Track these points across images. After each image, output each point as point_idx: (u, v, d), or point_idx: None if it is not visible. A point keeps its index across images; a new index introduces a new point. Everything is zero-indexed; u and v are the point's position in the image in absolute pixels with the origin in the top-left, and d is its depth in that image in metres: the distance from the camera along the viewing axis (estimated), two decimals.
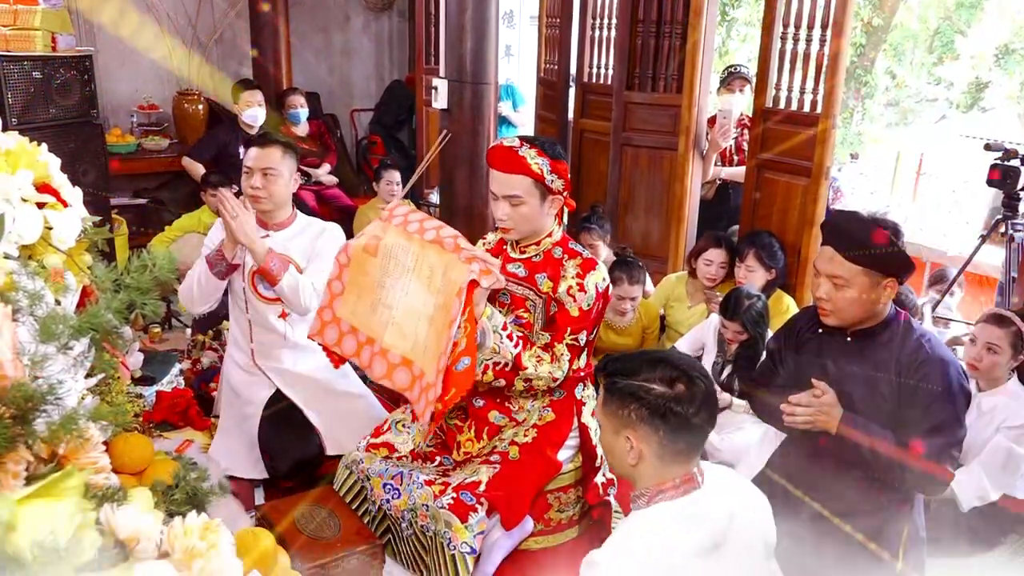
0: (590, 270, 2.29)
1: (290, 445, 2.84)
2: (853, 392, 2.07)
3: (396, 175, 5.21)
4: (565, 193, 2.32)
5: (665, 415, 1.49)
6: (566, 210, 2.42)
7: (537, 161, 2.21)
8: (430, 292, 2.20)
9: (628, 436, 1.53)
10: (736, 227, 4.23)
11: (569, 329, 2.27)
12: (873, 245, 1.97)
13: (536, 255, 2.36)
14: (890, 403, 2.03)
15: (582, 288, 2.26)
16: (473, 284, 2.06)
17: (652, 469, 1.53)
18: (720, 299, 3.38)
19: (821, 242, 2.10)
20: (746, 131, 4.34)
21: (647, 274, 3.84)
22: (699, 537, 1.48)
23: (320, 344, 2.46)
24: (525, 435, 2.37)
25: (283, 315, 2.80)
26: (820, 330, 2.17)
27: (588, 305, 2.27)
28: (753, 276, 3.50)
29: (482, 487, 2.23)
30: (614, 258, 3.81)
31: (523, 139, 2.27)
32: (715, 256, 3.66)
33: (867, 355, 2.07)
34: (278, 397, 2.84)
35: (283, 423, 2.82)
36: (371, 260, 2.34)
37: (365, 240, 2.36)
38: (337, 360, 2.46)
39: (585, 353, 2.38)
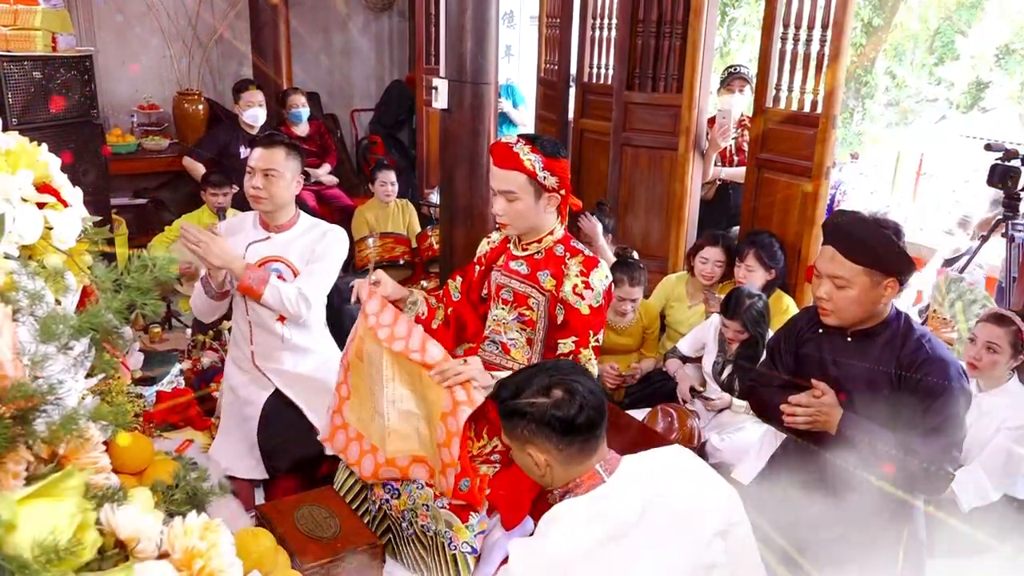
0: (593, 267, 2.30)
1: (290, 445, 2.83)
2: (853, 392, 2.07)
3: (391, 175, 5.22)
4: (562, 192, 2.32)
5: (551, 423, 1.60)
6: (570, 208, 2.42)
7: (530, 158, 2.22)
8: (418, 395, 2.25)
9: (530, 452, 1.64)
10: (736, 228, 4.23)
11: (591, 331, 2.28)
12: (874, 245, 1.97)
13: (538, 252, 2.36)
14: (890, 403, 2.03)
15: (588, 286, 2.27)
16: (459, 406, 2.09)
17: (561, 472, 1.64)
18: (719, 299, 3.38)
19: (822, 242, 2.10)
20: (746, 131, 4.35)
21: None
22: (598, 529, 1.53)
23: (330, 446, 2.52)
24: None
25: (281, 319, 2.80)
26: (820, 330, 2.17)
27: (598, 302, 2.28)
28: (753, 276, 3.50)
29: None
30: (614, 259, 3.81)
31: (522, 137, 2.29)
32: (711, 254, 3.67)
33: (867, 355, 2.07)
34: (278, 397, 2.84)
35: (283, 423, 2.82)
36: (361, 366, 2.39)
37: (355, 343, 2.39)
38: None
39: None
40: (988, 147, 3.91)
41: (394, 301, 2.41)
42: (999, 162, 3.81)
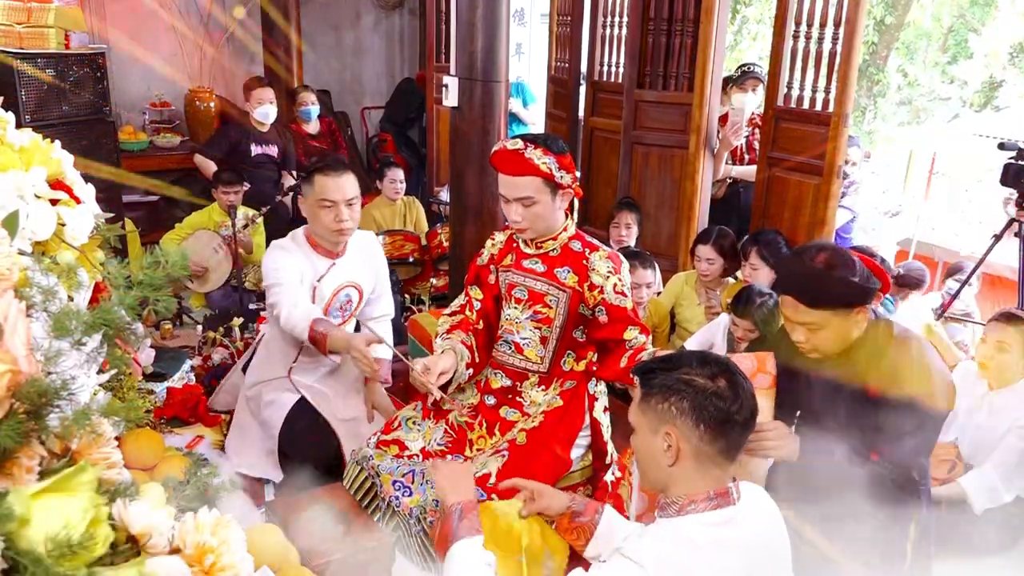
0: (620, 263, 2.36)
1: (310, 449, 2.79)
2: (839, 401, 2.05)
3: (399, 173, 5.23)
4: (574, 186, 2.33)
5: (707, 409, 1.45)
6: (576, 203, 2.43)
7: (545, 160, 2.22)
8: None
9: (668, 432, 1.47)
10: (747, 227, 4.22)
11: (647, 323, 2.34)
12: (831, 290, 1.92)
13: (554, 250, 2.37)
14: (873, 411, 2.00)
15: (623, 282, 2.34)
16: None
17: (688, 472, 1.48)
18: (720, 299, 3.38)
19: (780, 292, 2.04)
20: (757, 130, 4.33)
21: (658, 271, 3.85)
22: (728, 562, 1.42)
23: None
24: (533, 421, 2.38)
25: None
26: None
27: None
28: (757, 275, 3.48)
29: (492, 480, 2.23)
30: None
31: (524, 139, 2.27)
32: (702, 252, 3.72)
33: (853, 364, 2.03)
34: (303, 403, 2.82)
35: (305, 427, 2.78)
36: None
37: None
38: None
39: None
40: (1002, 146, 3.87)
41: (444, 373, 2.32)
42: (1012, 161, 3.78)
